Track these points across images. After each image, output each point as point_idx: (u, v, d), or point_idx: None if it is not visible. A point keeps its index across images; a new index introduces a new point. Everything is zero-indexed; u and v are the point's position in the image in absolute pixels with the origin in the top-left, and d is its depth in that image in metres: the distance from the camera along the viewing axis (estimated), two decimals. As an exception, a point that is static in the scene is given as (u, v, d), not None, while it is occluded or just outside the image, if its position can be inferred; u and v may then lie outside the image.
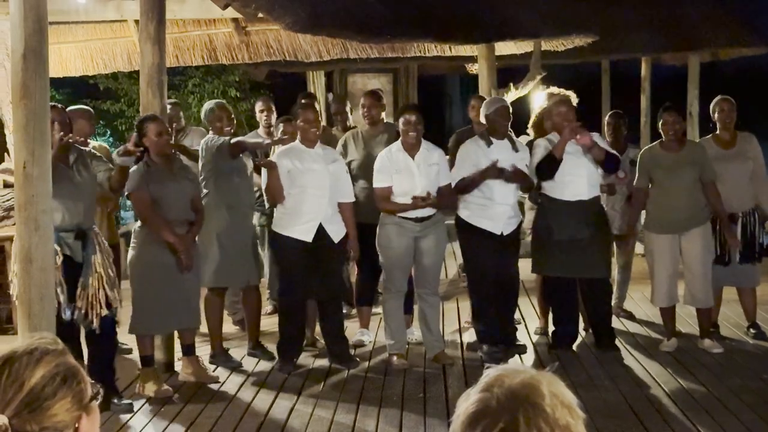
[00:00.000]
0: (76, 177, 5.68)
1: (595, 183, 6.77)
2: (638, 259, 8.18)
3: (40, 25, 4.69)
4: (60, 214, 5.54)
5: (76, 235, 5.63)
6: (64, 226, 5.58)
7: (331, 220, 6.50)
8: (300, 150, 6.49)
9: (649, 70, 13.57)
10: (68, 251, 5.59)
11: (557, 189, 6.71)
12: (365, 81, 14.41)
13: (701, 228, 6.79)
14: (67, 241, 5.59)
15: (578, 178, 6.66)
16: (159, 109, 6.52)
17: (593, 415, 5.05)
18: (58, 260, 5.46)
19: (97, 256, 5.68)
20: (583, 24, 8.67)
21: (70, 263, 5.59)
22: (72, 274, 5.59)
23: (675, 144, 6.83)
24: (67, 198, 5.56)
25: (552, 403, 1.47)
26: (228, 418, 5.59)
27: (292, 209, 6.43)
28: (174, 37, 9.44)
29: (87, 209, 5.73)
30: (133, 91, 13.57)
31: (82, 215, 5.67)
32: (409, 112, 6.58)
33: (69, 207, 5.60)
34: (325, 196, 6.45)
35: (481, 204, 6.62)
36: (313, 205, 6.42)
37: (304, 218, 6.41)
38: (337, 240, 6.52)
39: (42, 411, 1.60)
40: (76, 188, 5.64)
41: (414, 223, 6.51)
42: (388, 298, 6.67)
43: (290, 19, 7.26)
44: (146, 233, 6.05)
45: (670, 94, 9.37)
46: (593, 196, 6.76)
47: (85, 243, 5.65)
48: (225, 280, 6.70)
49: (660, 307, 6.99)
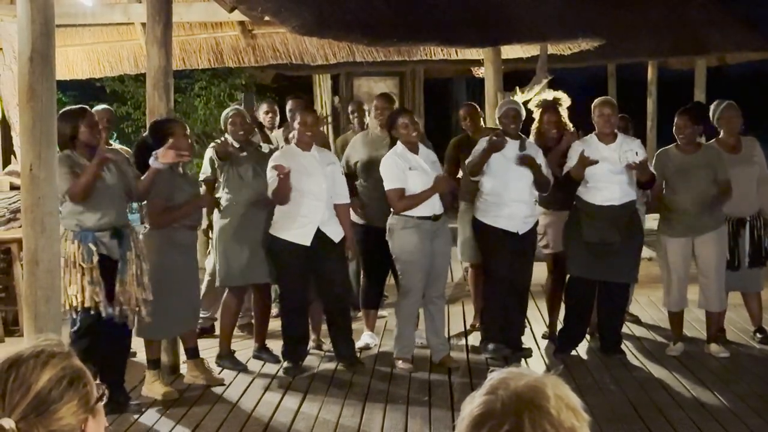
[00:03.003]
0: (108, 177, 5.70)
1: (629, 189, 6.71)
2: (644, 263, 8.15)
3: (47, 28, 4.70)
4: (94, 213, 5.59)
5: (112, 234, 5.66)
6: (100, 226, 5.61)
7: (329, 222, 6.51)
8: (296, 153, 6.50)
9: (655, 74, 13.57)
10: (105, 250, 5.62)
11: (590, 193, 6.67)
12: (371, 84, 14.41)
13: (716, 232, 6.76)
14: (103, 240, 5.62)
15: (612, 185, 6.61)
16: (165, 112, 6.53)
17: (599, 420, 5.04)
18: (94, 260, 5.52)
19: (132, 252, 5.71)
20: (589, 27, 8.67)
21: (108, 262, 5.62)
22: (110, 272, 5.62)
23: (690, 147, 6.81)
24: (100, 198, 5.60)
25: (557, 406, 1.46)
26: (233, 420, 5.59)
27: (290, 212, 6.43)
28: (180, 40, 9.46)
29: (119, 207, 5.76)
30: (139, 93, 13.56)
31: (115, 214, 5.69)
32: (403, 116, 6.62)
33: (103, 207, 5.62)
34: (322, 200, 6.46)
35: (495, 203, 6.64)
36: (311, 209, 6.42)
37: (301, 221, 6.42)
38: (337, 240, 6.53)
39: (49, 414, 1.60)
40: (109, 188, 5.67)
41: (432, 222, 6.52)
42: (407, 304, 6.63)
43: (297, 22, 7.27)
44: (155, 238, 6.06)
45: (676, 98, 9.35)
46: (626, 201, 6.69)
47: (120, 241, 5.68)
48: (232, 279, 6.67)
49: (670, 311, 6.97)
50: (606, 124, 6.68)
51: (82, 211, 5.55)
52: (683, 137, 6.78)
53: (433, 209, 6.52)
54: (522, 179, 6.65)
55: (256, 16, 7.98)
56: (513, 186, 6.62)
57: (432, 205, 6.52)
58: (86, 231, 5.55)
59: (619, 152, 6.61)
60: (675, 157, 6.83)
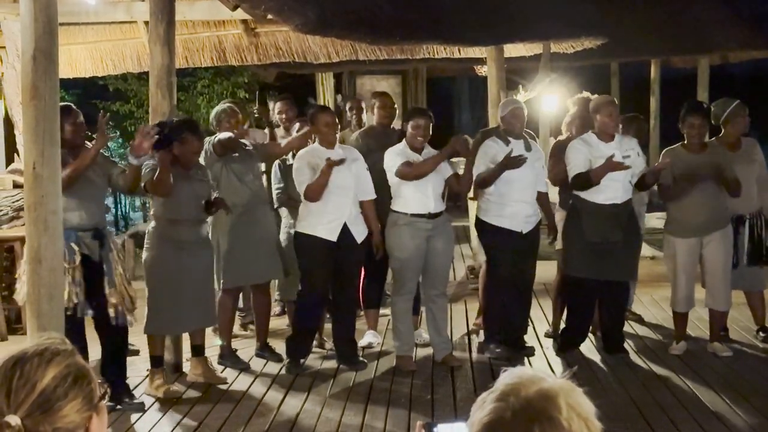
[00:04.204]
0: (93, 177, 5.70)
1: (629, 187, 6.71)
2: (646, 262, 8.17)
3: (51, 27, 4.70)
4: (78, 214, 5.59)
5: (94, 235, 5.66)
6: (83, 226, 5.62)
7: (355, 221, 6.53)
8: (321, 152, 6.49)
9: (658, 72, 13.56)
10: (86, 251, 5.63)
11: (592, 192, 6.63)
12: (374, 83, 14.43)
13: (722, 231, 6.76)
14: (85, 240, 5.63)
15: (614, 183, 6.60)
16: (168, 110, 6.53)
17: (601, 419, 5.04)
18: (77, 260, 5.53)
19: (113, 254, 5.73)
20: (592, 26, 8.66)
21: (88, 263, 5.63)
22: (89, 273, 5.62)
23: (698, 146, 6.80)
24: (84, 198, 5.61)
25: (568, 417, 1.45)
26: (236, 418, 5.60)
27: (317, 209, 6.44)
28: (183, 38, 9.45)
29: (102, 209, 5.78)
30: (142, 92, 13.60)
31: (98, 215, 5.71)
32: (420, 117, 6.61)
33: (87, 207, 5.64)
34: (349, 196, 6.48)
35: (499, 203, 6.63)
36: (337, 205, 6.44)
37: (328, 218, 6.44)
38: (360, 240, 6.55)
39: (54, 412, 1.60)
40: (93, 188, 5.68)
41: (427, 220, 6.51)
42: (398, 301, 6.66)
43: (299, 21, 7.26)
44: (160, 234, 6.06)
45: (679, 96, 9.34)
46: (626, 200, 6.70)
47: (102, 242, 5.69)
48: (235, 280, 6.67)
49: (677, 311, 6.97)
50: (613, 124, 6.66)
51: (66, 210, 5.39)
52: (696, 136, 6.75)
53: (427, 207, 6.51)
54: (525, 179, 6.64)
55: (259, 14, 7.97)
56: (517, 186, 6.61)
57: (425, 203, 6.51)
58: (69, 230, 5.44)
59: (619, 151, 6.61)
60: (683, 156, 6.81)
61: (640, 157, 6.67)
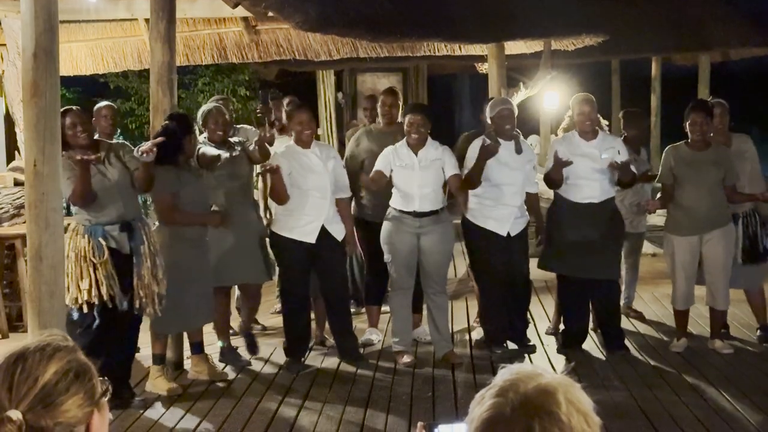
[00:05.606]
0: (109, 171, 5.70)
1: (609, 187, 6.72)
2: (647, 259, 8.17)
3: (51, 24, 4.70)
4: (100, 208, 5.60)
5: (122, 227, 5.66)
6: (107, 220, 5.63)
7: (333, 220, 6.52)
8: (297, 151, 6.48)
9: (659, 69, 13.55)
10: (114, 244, 5.63)
11: (570, 190, 6.69)
12: (375, 80, 14.41)
13: (723, 229, 6.75)
14: (113, 233, 5.63)
15: (592, 182, 6.63)
16: (169, 108, 6.53)
17: (602, 416, 5.04)
18: (105, 253, 5.55)
19: (145, 245, 5.71)
20: (593, 23, 8.65)
21: (118, 256, 5.63)
22: (121, 266, 5.63)
23: (701, 143, 6.80)
24: (103, 193, 5.61)
25: (568, 411, 1.45)
26: (237, 415, 5.60)
27: (293, 210, 6.42)
28: (184, 35, 9.46)
29: (127, 200, 5.74)
30: (143, 89, 13.59)
31: (122, 207, 5.69)
32: (414, 113, 6.59)
33: (107, 201, 5.63)
34: (326, 197, 6.47)
35: (488, 205, 6.62)
36: (315, 206, 6.42)
37: (306, 219, 6.42)
38: (340, 239, 6.54)
39: (55, 407, 1.60)
40: (111, 182, 5.67)
41: (413, 218, 6.50)
42: (393, 295, 6.71)
43: (300, 18, 7.26)
44: (166, 234, 6.06)
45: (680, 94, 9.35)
46: (605, 199, 6.72)
47: (131, 234, 5.68)
48: (222, 280, 6.61)
49: (677, 309, 6.97)
50: (586, 121, 6.67)
51: (93, 207, 5.59)
52: (699, 133, 6.74)
53: (411, 206, 6.50)
54: (515, 182, 6.63)
55: (260, 11, 7.98)
56: (506, 190, 6.60)
57: (410, 202, 6.50)
58: (96, 225, 5.58)
59: (600, 150, 6.62)
60: (685, 153, 6.80)
61: (621, 156, 6.64)
